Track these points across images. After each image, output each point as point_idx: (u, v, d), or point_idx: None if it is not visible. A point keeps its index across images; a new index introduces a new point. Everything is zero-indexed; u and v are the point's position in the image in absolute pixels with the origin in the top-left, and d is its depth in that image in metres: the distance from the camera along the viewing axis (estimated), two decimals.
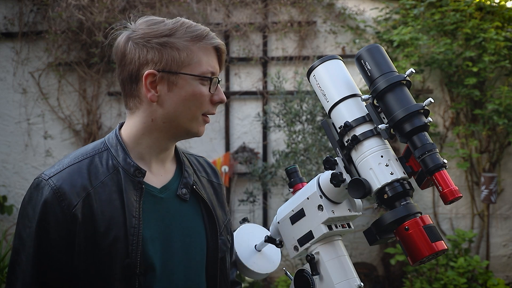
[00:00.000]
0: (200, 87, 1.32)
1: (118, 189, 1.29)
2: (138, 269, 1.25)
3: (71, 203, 1.23)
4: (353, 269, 1.29)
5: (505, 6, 4.89)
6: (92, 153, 1.34)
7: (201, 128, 1.36)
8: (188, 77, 1.31)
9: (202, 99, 1.32)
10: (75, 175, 1.27)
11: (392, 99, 1.21)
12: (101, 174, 1.29)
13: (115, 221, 1.26)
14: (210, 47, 1.34)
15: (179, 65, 1.30)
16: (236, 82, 5.18)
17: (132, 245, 1.25)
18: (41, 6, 5.08)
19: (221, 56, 1.37)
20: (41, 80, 5.15)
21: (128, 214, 1.27)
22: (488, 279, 4.48)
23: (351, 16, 5.10)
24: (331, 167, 1.26)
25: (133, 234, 1.26)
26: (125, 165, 1.31)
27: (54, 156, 5.13)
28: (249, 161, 4.94)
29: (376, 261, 5.09)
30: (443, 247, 1.14)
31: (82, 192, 1.25)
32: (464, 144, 4.96)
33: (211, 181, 1.54)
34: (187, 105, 1.31)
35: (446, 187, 1.14)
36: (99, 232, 1.24)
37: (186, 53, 1.30)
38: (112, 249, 1.24)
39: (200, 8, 5.00)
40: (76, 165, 1.30)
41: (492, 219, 5.04)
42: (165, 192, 1.37)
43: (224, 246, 1.45)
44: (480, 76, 4.71)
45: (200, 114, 1.34)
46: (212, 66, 1.34)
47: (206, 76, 1.32)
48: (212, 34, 1.36)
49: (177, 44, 1.30)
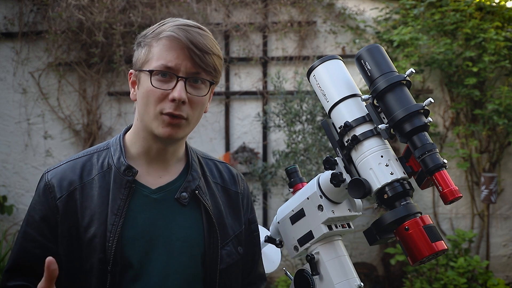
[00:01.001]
0: (148, 83, 1.29)
1: (107, 186, 1.31)
2: (110, 266, 1.26)
3: (56, 196, 1.31)
4: (353, 269, 1.29)
5: (505, 6, 4.89)
6: (93, 151, 1.39)
7: (163, 129, 1.28)
8: (143, 73, 1.31)
9: (154, 96, 1.28)
10: (67, 171, 1.35)
11: (392, 99, 1.21)
12: (93, 172, 1.34)
13: (97, 216, 1.29)
14: (167, 40, 1.28)
15: (141, 63, 1.32)
16: (236, 82, 5.18)
17: (109, 241, 1.27)
18: (41, 6, 5.08)
19: (186, 50, 1.27)
20: (41, 80, 5.15)
21: (110, 211, 1.29)
22: (488, 279, 4.48)
23: (351, 16, 5.09)
24: (331, 167, 1.26)
25: (111, 231, 1.27)
26: (117, 163, 1.34)
27: (54, 156, 5.13)
28: (249, 161, 4.94)
29: (376, 261, 5.09)
30: (443, 247, 1.14)
31: (69, 186, 1.32)
32: (464, 144, 4.95)
33: (227, 189, 1.47)
34: (145, 101, 1.30)
35: (446, 187, 1.14)
36: (81, 225, 1.29)
37: (146, 49, 1.31)
38: (91, 243, 1.27)
39: (200, 8, 5.00)
40: (73, 162, 1.37)
41: (492, 219, 5.04)
42: (159, 193, 1.34)
43: (229, 258, 1.38)
44: (480, 76, 4.71)
45: (158, 112, 1.28)
46: (167, 60, 1.27)
47: (146, 70, 1.28)
48: (176, 27, 1.29)
49: (142, 43, 1.33)
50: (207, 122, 5.14)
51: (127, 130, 1.42)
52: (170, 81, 1.28)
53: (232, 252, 1.39)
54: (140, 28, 4.76)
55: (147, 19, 4.85)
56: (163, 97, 1.27)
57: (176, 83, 1.27)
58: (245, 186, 1.54)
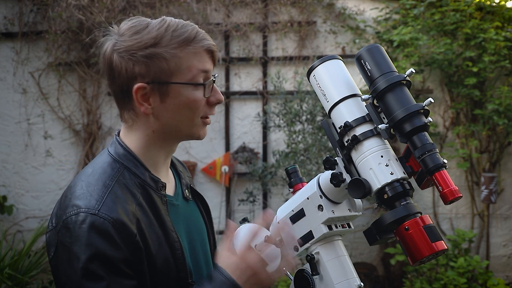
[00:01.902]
0: (193, 94, 1.26)
1: (152, 208, 1.25)
2: (190, 279, 1.28)
3: (133, 233, 1.16)
4: (353, 269, 1.29)
5: (505, 6, 4.89)
6: (116, 174, 1.25)
7: (202, 131, 1.34)
8: (179, 86, 1.25)
9: (197, 105, 1.27)
10: (119, 202, 1.18)
11: (392, 99, 1.21)
12: (133, 196, 1.23)
13: (160, 240, 1.24)
14: (202, 49, 1.27)
15: (168, 75, 1.24)
16: (236, 82, 5.18)
17: (179, 259, 1.27)
18: (41, 6, 5.08)
19: (213, 55, 1.31)
20: (41, 80, 5.15)
21: (168, 230, 1.26)
22: (488, 279, 4.48)
23: (351, 16, 5.10)
24: (331, 167, 1.26)
25: (177, 248, 1.27)
26: (150, 181, 1.28)
27: (54, 156, 5.13)
28: (249, 161, 4.94)
29: (376, 261, 5.09)
30: (443, 247, 1.14)
31: (133, 218, 1.19)
32: (464, 144, 4.95)
33: (190, 178, 1.55)
34: (184, 113, 1.27)
35: (446, 187, 1.14)
36: (152, 253, 1.21)
37: (175, 62, 1.23)
38: (165, 268, 1.24)
39: (200, 8, 5.00)
40: (111, 192, 1.20)
41: (492, 219, 5.04)
42: (178, 198, 1.39)
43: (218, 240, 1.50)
44: (480, 76, 4.71)
45: (199, 118, 1.30)
46: (204, 68, 1.27)
47: (198, 83, 1.26)
48: (201, 34, 1.28)
49: (164, 54, 1.23)
50: None
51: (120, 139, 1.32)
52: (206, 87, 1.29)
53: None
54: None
55: None
56: (203, 103, 1.30)
57: (212, 86, 1.31)
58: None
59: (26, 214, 5.10)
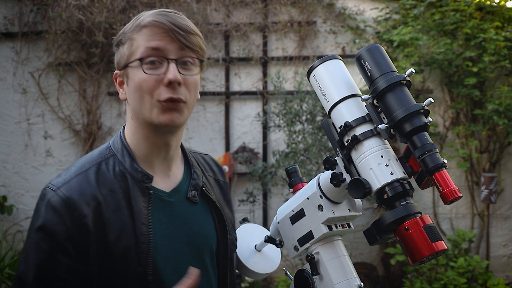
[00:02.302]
0: (139, 72, 1.25)
1: (126, 196, 1.25)
2: (150, 277, 1.23)
3: (82, 213, 1.20)
4: (353, 269, 1.29)
5: (505, 6, 4.89)
6: (98, 159, 1.30)
7: (164, 115, 1.25)
8: (130, 67, 1.27)
9: (148, 84, 1.24)
10: (83, 184, 1.23)
11: (392, 99, 1.21)
12: (109, 182, 1.25)
13: (125, 229, 1.22)
14: (148, 28, 1.25)
15: (126, 58, 1.28)
16: (236, 82, 5.18)
17: (143, 253, 1.23)
18: (41, 6, 5.08)
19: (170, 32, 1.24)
20: (41, 80, 5.15)
21: (138, 221, 1.24)
22: (488, 279, 4.48)
23: (351, 16, 5.10)
24: (331, 167, 1.26)
25: (143, 241, 1.23)
26: (132, 171, 1.28)
27: (54, 156, 5.13)
28: (249, 161, 4.94)
29: (376, 261, 5.09)
30: (443, 247, 1.14)
31: (92, 201, 1.21)
32: (464, 144, 4.96)
33: (218, 180, 1.51)
34: (139, 94, 1.26)
35: (446, 187, 1.14)
36: (111, 241, 1.21)
37: (128, 43, 1.28)
38: (124, 258, 1.21)
39: (200, 8, 5.00)
40: (84, 174, 1.26)
41: (492, 219, 5.04)
42: (174, 195, 1.34)
43: (233, 245, 1.44)
44: (480, 76, 4.71)
45: (156, 101, 1.25)
46: (150, 45, 1.24)
47: (135, 59, 1.25)
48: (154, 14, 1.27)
49: (123, 40, 1.29)
50: (207, 122, 5.14)
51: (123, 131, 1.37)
52: (161, 67, 1.25)
53: (233, 239, 1.46)
54: None
55: None
56: (157, 84, 1.24)
57: (168, 66, 1.25)
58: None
59: (26, 214, 5.10)
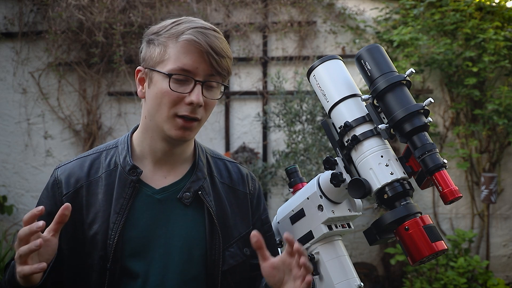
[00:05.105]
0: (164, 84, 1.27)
1: (112, 185, 1.33)
2: (110, 264, 1.28)
3: (62, 192, 1.34)
4: (353, 269, 1.29)
5: (505, 6, 4.89)
6: (102, 149, 1.41)
7: (175, 131, 1.29)
8: (158, 74, 1.29)
9: (169, 98, 1.27)
10: (75, 168, 1.37)
11: (392, 99, 1.21)
12: (100, 170, 1.36)
13: (100, 214, 1.31)
14: (187, 44, 1.26)
15: (155, 62, 1.30)
16: (236, 82, 5.18)
17: (110, 239, 1.29)
18: (41, 6, 5.08)
19: (205, 55, 1.27)
20: (41, 80, 5.15)
21: (113, 210, 1.30)
22: (488, 279, 4.48)
23: (351, 16, 5.09)
24: (331, 167, 1.26)
25: (113, 229, 1.29)
26: (123, 163, 1.35)
27: (54, 156, 5.13)
28: (249, 161, 4.94)
29: (376, 261, 5.09)
30: (443, 247, 1.14)
31: (76, 183, 1.35)
32: (464, 144, 4.95)
33: (235, 189, 1.45)
34: (158, 102, 1.29)
35: (446, 187, 1.14)
36: (85, 222, 1.32)
37: (161, 49, 1.29)
38: (93, 240, 1.30)
39: (200, 8, 5.00)
40: (82, 159, 1.39)
41: (492, 219, 5.04)
42: (163, 193, 1.35)
43: (232, 259, 1.37)
44: (480, 76, 4.71)
45: (173, 114, 1.28)
46: (186, 64, 1.26)
47: (164, 73, 1.27)
48: (194, 30, 1.27)
49: (156, 41, 1.31)
50: (207, 122, 5.11)
51: (135, 128, 1.42)
52: (187, 84, 1.28)
53: (236, 253, 1.38)
54: (140, 28, 4.76)
55: (147, 19, 4.85)
56: (178, 100, 1.28)
57: (194, 86, 1.27)
58: (255, 186, 1.50)
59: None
